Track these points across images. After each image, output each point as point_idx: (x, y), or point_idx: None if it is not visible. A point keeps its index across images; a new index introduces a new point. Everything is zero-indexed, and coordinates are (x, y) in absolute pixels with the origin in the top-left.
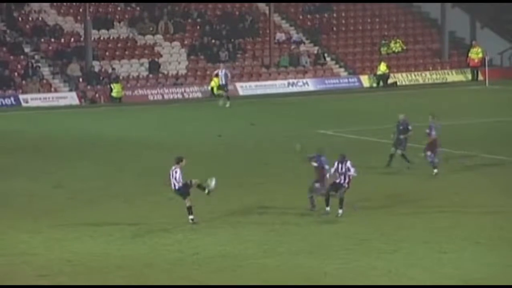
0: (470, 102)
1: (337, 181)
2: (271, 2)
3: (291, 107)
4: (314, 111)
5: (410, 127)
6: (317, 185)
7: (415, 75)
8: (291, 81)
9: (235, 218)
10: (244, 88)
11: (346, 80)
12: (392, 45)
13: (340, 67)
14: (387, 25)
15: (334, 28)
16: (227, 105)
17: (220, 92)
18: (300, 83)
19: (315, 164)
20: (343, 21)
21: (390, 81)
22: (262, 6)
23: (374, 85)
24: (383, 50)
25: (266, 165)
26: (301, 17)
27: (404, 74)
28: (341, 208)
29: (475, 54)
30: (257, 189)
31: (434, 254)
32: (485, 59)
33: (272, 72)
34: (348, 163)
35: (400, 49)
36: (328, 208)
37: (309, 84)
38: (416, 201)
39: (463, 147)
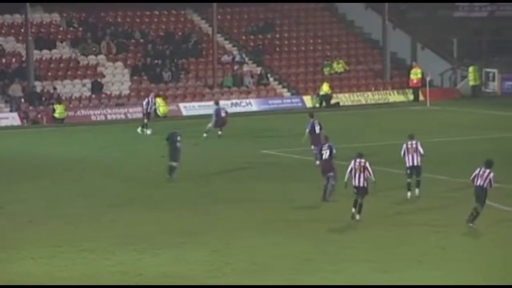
0: (411, 122)
1: (360, 184)
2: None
3: (234, 127)
4: (257, 131)
5: None
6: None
7: (357, 96)
8: (234, 101)
9: (178, 238)
10: (188, 108)
11: (289, 101)
12: (334, 65)
13: (283, 87)
14: (329, 46)
15: (277, 49)
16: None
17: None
18: (244, 104)
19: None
20: (286, 42)
21: (332, 101)
22: (205, 26)
23: (317, 105)
24: (326, 70)
25: (210, 186)
26: (244, 37)
27: (346, 95)
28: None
29: (414, 74)
30: (200, 210)
31: (376, 274)
32: (425, 79)
33: (216, 92)
34: (367, 164)
35: (342, 69)
36: (354, 210)
37: (253, 105)
38: (361, 220)
39: (401, 167)
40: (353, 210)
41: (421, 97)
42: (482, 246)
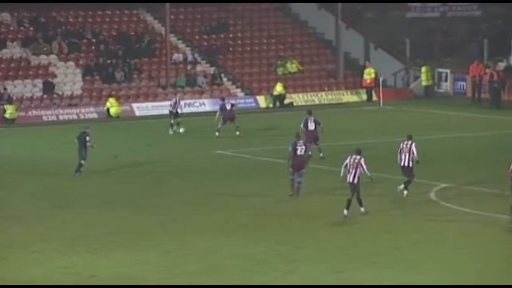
0: (364, 122)
1: (352, 180)
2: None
3: (188, 128)
4: (211, 132)
5: None
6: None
7: (311, 96)
8: (187, 101)
9: (131, 239)
10: (141, 108)
11: (243, 101)
12: (288, 65)
13: (237, 87)
14: (283, 46)
15: (231, 49)
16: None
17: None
18: (197, 104)
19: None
20: (240, 42)
21: (286, 101)
22: (158, 26)
23: (271, 105)
24: (280, 70)
25: (163, 186)
26: (197, 37)
27: (300, 95)
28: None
29: (368, 74)
30: (154, 210)
31: (330, 274)
32: (378, 79)
33: (169, 92)
34: (362, 160)
35: (296, 69)
36: (346, 212)
37: (206, 105)
38: (315, 220)
39: None
40: (345, 212)
41: (374, 97)
42: (435, 246)
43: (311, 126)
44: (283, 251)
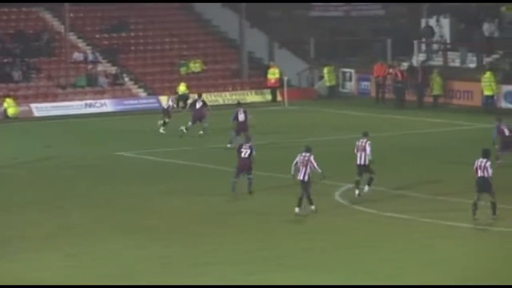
0: (268, 123)
1: (304, 178)
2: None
3: (88, 129)
4: (112, 133)
5: None
6: None
7: (215, 96)
8: (88, 102)
9: (35, 243)
10: (39, 109)
11: (145, 101)
12: (191, 65)
13: (139, 87)
14: (186, 45)
15: (132, 48)
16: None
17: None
18: (98, 104)
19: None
20: (141, 41)
21: (189, 101)
22: (57, 24)
23: (174, 105)
24: (183, 70)
25: (64, 188)
26: (98, 36)
27: (204, 95)
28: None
29: (272, 74)
30: (57, 213)
31: (242, 276)
32: (282, 79)
33: (69, 92)
34: (312, 158)
35: (199, 69)
36: (297, 210)
37: (108, 105)
38: (228, 222)
39: (265, 167)
40: (297, 210)
41: (279, 97)
42: (342, 247)
43: (241, 117)
44: (194, 253)
